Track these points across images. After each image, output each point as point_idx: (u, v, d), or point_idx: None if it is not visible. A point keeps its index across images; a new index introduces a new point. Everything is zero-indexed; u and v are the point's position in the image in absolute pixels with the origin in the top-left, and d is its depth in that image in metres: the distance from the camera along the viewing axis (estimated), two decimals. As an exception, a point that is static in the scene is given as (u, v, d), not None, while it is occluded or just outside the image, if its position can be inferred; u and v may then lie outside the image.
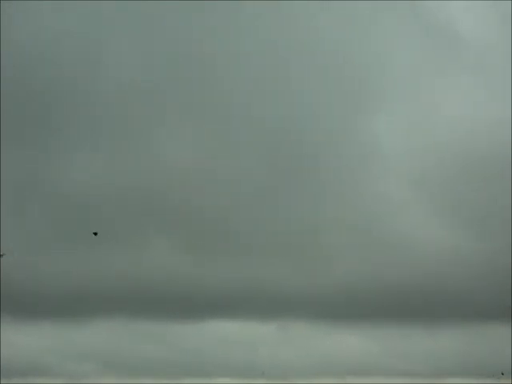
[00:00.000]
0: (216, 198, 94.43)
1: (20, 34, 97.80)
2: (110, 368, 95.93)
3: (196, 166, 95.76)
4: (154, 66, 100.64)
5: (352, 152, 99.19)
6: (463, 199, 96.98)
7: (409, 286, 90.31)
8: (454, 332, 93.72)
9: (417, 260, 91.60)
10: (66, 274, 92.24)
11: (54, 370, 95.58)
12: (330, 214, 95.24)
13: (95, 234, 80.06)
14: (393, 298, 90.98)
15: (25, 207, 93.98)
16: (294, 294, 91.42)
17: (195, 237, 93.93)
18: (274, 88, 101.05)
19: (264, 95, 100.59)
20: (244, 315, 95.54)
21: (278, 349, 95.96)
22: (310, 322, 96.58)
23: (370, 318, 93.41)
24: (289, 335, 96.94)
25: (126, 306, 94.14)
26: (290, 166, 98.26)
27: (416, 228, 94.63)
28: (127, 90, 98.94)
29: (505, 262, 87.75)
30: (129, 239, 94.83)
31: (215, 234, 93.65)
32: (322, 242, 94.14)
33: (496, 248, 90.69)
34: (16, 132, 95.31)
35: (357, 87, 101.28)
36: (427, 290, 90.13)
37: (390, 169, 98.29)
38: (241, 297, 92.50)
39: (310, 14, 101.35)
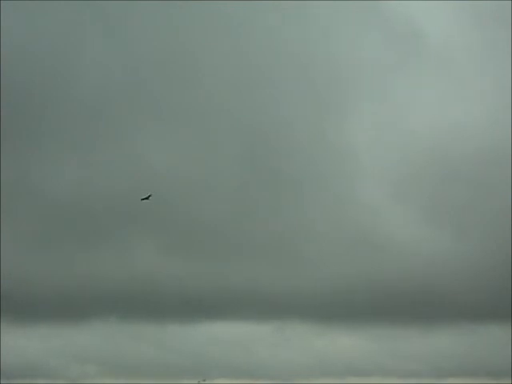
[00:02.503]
0: (209, 201, 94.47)
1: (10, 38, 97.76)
2: (108, 369, 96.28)
3: (186, 170, 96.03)
4: (139, 73, 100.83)
5: (326, 154, 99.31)
6: (442, 199, 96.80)
7: (407, 287, 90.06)
8: (452, 332, 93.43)
9: (411, 262, 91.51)
10: (63, 277, 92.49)
11: (53, 371, 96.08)
12: (318, 216, 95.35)
13: (147, 198, 79.35)
14: (391, 299, 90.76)
15: (19, 212, 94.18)
16: (291, 296, 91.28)
17: (193, 240, 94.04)
18: (245, 91, 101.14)
19: (237, 97, 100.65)
20: (242, 317, 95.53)
21: (275, 350, 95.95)
22: (307, 323, 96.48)
23: (367, 319, 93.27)
24: (286, 336, 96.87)
25: (125, 308, 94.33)
26: (274, 171, 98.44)
27: (401, 228, 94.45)
28: (115, 97, 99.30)
29: (502, 263, 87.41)
30: (125, 242, 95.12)
31: (213, 237, 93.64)
32: (315, 244, 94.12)
33: (491, 249, 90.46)
34: (4, 137, 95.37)
35: (327, 88, 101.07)
36: (425, 291, 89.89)
37: (365, 169, 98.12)
38: (238, 298, 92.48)
39: (279, 17, 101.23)
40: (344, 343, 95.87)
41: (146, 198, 79.40)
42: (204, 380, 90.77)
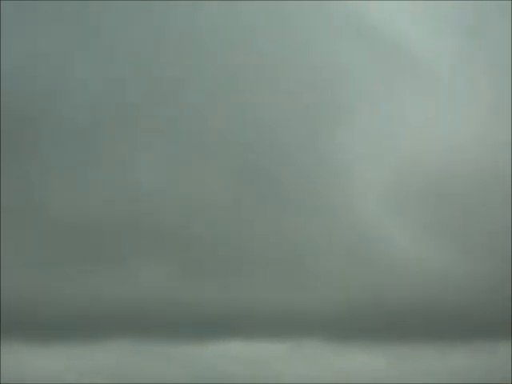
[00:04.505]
0: (213, 219, 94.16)
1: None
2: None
3: (185, 186, 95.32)
4: (127, 90, 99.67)
5: (321, 166, 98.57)
6: (444, 212, 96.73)
7: (420, 304, 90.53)
8: (468, 349, 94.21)
9: (423, 278, 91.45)
10: (72, 295, 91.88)
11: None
12: (317, 231, 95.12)
13: None
14: (404, 317, 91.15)
15: (22, 231, 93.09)
16: (306, 313, 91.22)
17: (205, 257, 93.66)
18: (235, 104, 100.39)
19: (228, 111, 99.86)
20: (256, 334, 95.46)
21: (290, 367, 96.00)
22: (323, 341, 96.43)
23: (383, 337, 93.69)
24: (302, 354, 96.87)
25: (137, 327, 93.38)
26: (268, 184, 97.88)
27: (408, 243, 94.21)
28: (116, 111, 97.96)
29: (506, 279, 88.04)
30: (134, 260, 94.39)
31: (221, 253, 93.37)
32: (320, 259, 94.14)
33: (503, 262, 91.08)
34: (4, 149, 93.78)
35: (319, 98, 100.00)
36: (439, 308, 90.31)
37: (358, 182, 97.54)
38: (253, 316, 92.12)
39: (267, 24, 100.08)
40: (360, 361, 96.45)
41: None
42: None
